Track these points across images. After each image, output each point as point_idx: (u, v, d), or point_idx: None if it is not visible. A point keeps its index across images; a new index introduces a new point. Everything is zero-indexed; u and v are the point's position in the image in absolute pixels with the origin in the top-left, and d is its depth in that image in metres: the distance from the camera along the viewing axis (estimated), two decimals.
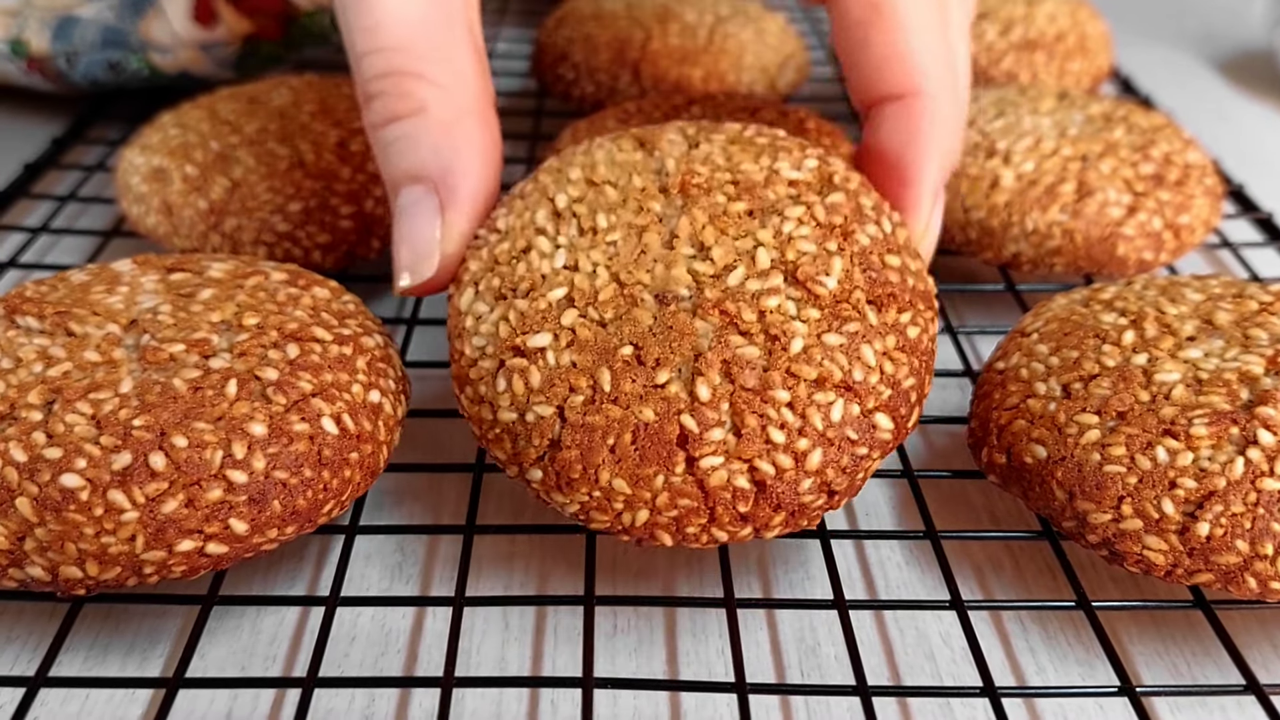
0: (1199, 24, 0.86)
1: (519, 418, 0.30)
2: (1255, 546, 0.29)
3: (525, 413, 0.30)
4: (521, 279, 0.31)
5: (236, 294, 0.33)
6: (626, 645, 0.32)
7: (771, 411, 0.29)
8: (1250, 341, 0.32)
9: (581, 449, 0.29)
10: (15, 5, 0.59)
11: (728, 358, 0.29)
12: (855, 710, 0.30)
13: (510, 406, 0.30)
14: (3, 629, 0.32)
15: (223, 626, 0.32)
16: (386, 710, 0.30)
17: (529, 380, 0.30)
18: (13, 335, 0.31)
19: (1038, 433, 0.32)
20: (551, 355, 0.30)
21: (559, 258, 0.31)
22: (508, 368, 0.30)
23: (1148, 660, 0.32)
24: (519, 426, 0.30)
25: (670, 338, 0.29)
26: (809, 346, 0.29)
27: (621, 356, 0.29)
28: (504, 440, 0.30)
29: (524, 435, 0.30)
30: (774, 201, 0.32)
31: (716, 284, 0.30)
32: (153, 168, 0.45)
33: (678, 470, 0.29)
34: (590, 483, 0.29)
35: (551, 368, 0.29)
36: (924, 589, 0.34)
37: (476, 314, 0.31)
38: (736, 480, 0.29)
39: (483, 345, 0.31)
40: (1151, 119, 0.48)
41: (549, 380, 0.29)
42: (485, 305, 0.31)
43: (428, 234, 0.33)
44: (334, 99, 0.48)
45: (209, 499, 0.28)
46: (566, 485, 0.29)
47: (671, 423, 0.29)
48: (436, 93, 0.32)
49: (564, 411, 0.29)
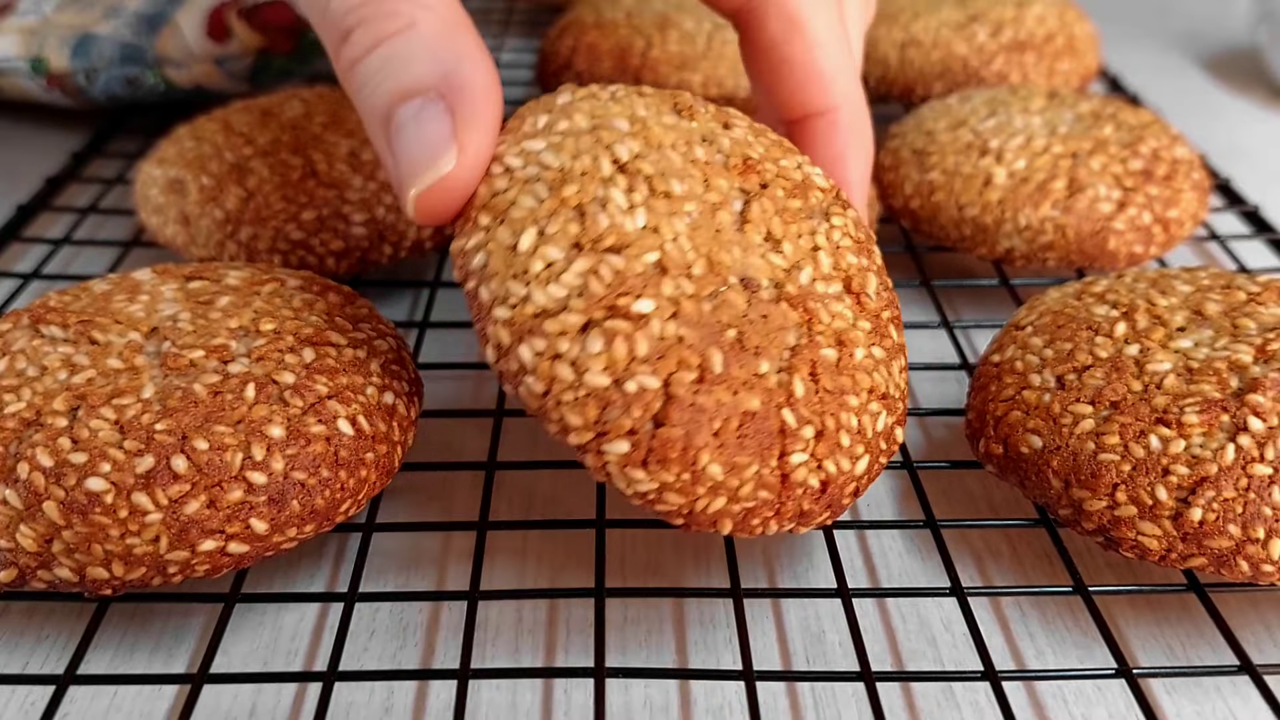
0: (1184, 23, 0.86)
1: (613, 384, 0.27)
2: (1247, 530, 0.29)
3: (624, 380, 0.26)
4: (606, 232, 0.28)
5: (253, 300, 0.34)
6: (637, 636, 0.33)
7: (845, 416, 0.29)
8: (1239, 331, 0.33)
9: (688, 429, 0.27)
10: (35, 24, 0.60)
11: (814, 358, 0.29)
12: (860, 695, 0.31)
13: (604, 371, 0.26)
14: (33, 629, 0.33)
15: (245, 623, 0.33)
16: (405, 702, 0.30)
17: (635, 347, 0.27)
18: (38, 344, 0.32)
19: (1033, 423, 0.33)
20: (657, 325, 0.27)
21: (639, 217, 0.28)
22: (605, 329, 0.27)
23: (1144, 643, 0.33)
24: (613, 394, 0.27)
25: (766, 328, 0.28)
26: (866, 356, 0.30)
27: (728, 339, 0.28)
28: (587, 406, 0.27)
29: (619, 404, 0.26)
30: (816, 206, 0.31)
31: (789, 280, 0.29)
32: (170, 179, 0.46)
33: (771, 463, 0.28)
34: (686, 465, 0.27)
35: (657, 338, 0.27)
36: (925, 577, 0.35)
37: (547, 259, 0.27)
38: (810, 479, 0.29)
39: (564, 296, 0.27)
40: (1140, 116, 0.48)
41: (657, 351, 0.27)
42: (558, 251, 0.27)
43: (439, 134, 0.28)
44: (345, 110, 0.48)
45: (230, 500, 0.29)
46: (658, 464, 0.27)
47: (774, 415, 0.28)
48: (424, 11, 0.29)
49: (670, 386, 0.27)
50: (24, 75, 0.60)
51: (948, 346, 0.45)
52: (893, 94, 0.61)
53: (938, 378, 0.44)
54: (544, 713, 0.30)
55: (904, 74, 0.59)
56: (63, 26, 0.59)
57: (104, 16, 0.60)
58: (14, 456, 0.29)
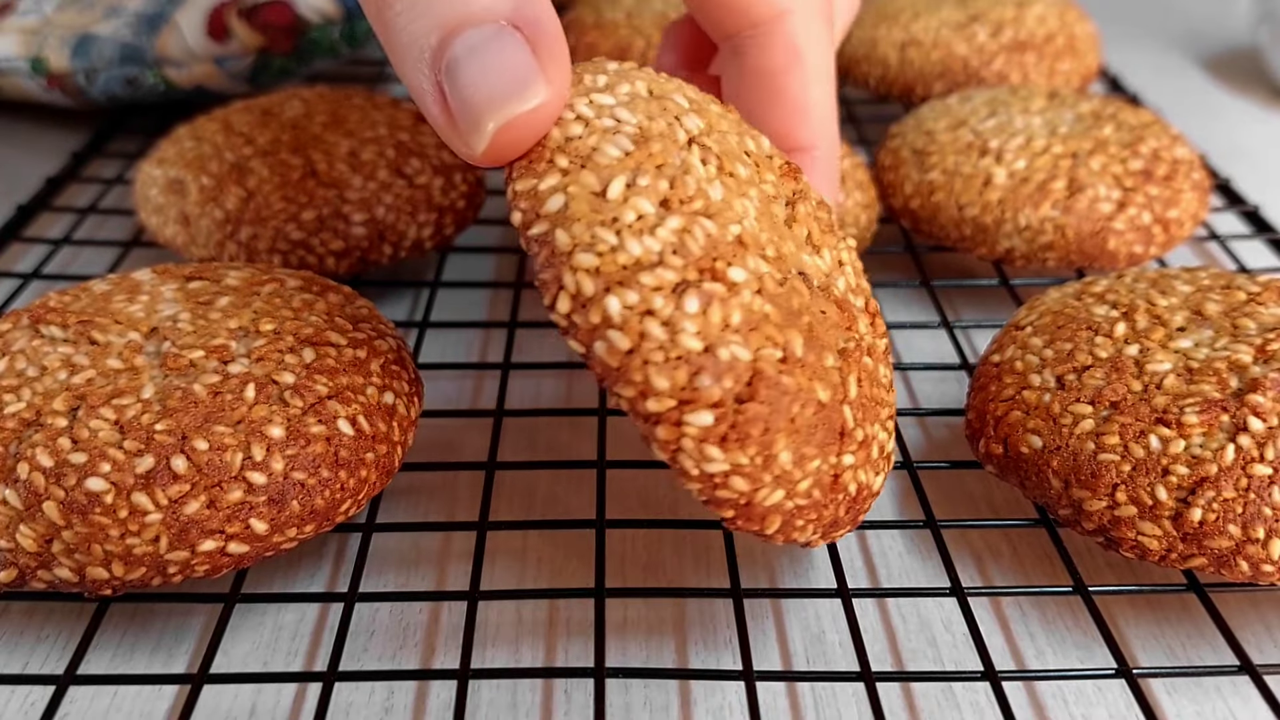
0: (1184, 23, 0.86)
1: (705, 350, 0.25)
2: (1247, 530, 0.29)
3: (717, 347, 0.25)
4: (695, 195, 0.26)
5: (253, 301, 0.34)
6: (637, 636, 0.33)
7: (876, 428, 0.29)
8: (1239, 331, 0.33)
9: (772, 409, 0.25)
10: (36, 24, 0.60)
11: (859, 363, 0.29)
12: (860, 696, 0.31)
13: (698, 335, 0.25)
14: (33, 629, 0.33)
15: (245, 623, 0.33)
16: (405, 702, 0.30)
17: (729, 314, 0.25)
18: (38, 344, 0.32)
19: (1033, 423, 0.33)
20: (748, 295, 0.25)
21: (717, 189, 0.27)
22: (703, 290, 0.25)
23: (1144, 643, 0.33)
24: (706, 360, 0.24)
25: (826, 322, 0.28)
26: (885, 375, 0.31)
27: (804, 325, 0.26)
28: (678, 369, 0.24)
29: (711, 372, 0.24)
30: (833, 223, 0.32)
31: (831, 284, 0.29)
32: (170, 179, 0.46)
33: (830, 459, 0.27)
34: (762, 447, 0.25)
35: (749, 309, 0.25)
36: (925, 577, 0.35)
37: (639, 210, 0.25)
38: (851, 484, 0.28)
39: (660, 251, 0.25)
40: (1140, 116, 0.48)
41: (749, 322, 0.25)
42: (649, 205, 0.26)
43: (522, 64, 0.25)
44: (345, 110, 0.48)
45: (230, 500, 0.29)
46: (738, 442, 0.25)
47: (839, 411, 0.27)
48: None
49: (758, 361, 0.25)
50: (24, 75, 0.60)
51: (948, 346, 0.45)
52: (893, 94, 0.61)
53: (938, 378, 0.44)
54: (544, 713, 0.30)
55: (904, 74, 0.59)
56: (63, 26, 0.59)
57: (104, 16, 0.60)
58: (14, 456, 0.29)
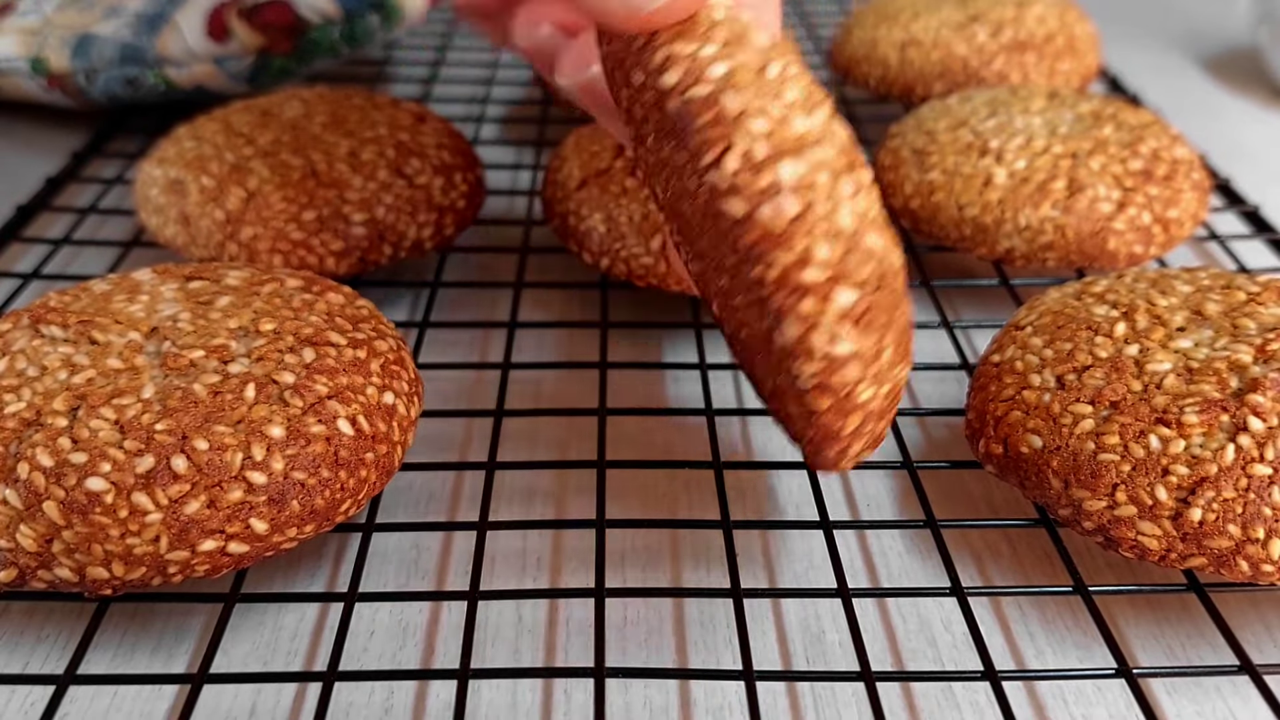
0: (1184, 23, 0.86)
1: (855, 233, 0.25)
2: (1247, 530, 0.29)
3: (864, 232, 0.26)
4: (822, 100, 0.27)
5: (253, 301, 0.34)
6: (636, 636, 0.33)
7: None
8: (1239, 331, 0.33)
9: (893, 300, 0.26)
10: (36, 24, 0.60)
11: None
12: (860, 695, 0.31)
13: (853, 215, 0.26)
14: (33, 629, 0.33)
15: (245, 623, 0.33)
16: (405, 702, 0.31)
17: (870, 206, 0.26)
18: (38, 344, 0.32)
19: (1033, 423, 0.33)
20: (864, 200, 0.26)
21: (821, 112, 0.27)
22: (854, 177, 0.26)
23: (1143, 643, 0.33)
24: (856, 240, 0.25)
25: None
26: None
27: None
28: (837, 242, 0.25)
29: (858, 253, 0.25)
30: None
31: None
32: (170, 180, 0.46)
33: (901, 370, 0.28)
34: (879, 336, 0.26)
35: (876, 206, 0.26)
36: (925, 576, 0.35)
37: (797, 93, 0.26)
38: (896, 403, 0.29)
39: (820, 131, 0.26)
40: (1140, 116, 0.48)
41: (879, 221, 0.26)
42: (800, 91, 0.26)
43: None
44: (344, 110, 0.48)
45: (230, 500, 0.29)
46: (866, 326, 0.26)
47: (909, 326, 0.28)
48: None
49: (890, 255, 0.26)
50: (24, 75, 0.60)
51: (948, 346, 0.45)
52: (893, 94, 0.61)
53: (938, 378, 0.44)
54: (544, 713, 0.30)
55: (904, 74, 0.59)
56: (63, 27, 0.59)
57: (104, 16, 0.60)
58: (14, 456, 0.29)
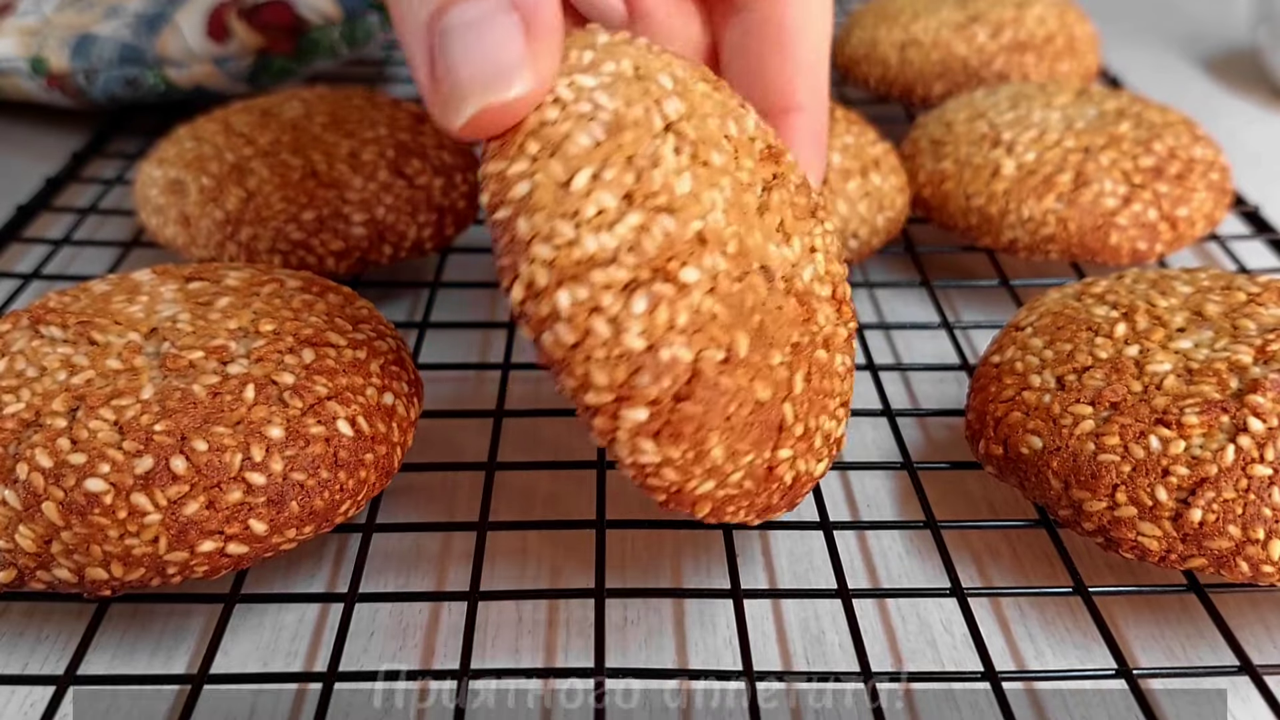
0: (1184, 23, 0.86)
1: (648, 350, 0.25)
2: (1247, 531, 0.29)
3: (659, 348, 0.25)
4: (660, 190, 0.26)
5: (253, 301, 0.34)
6: (637, 636, 0.33)
7: (823, 419, 0.30)
8: (1239, 332, 0.33)
9: (707, 408, 0.26)
10: (35, 24, 0.60)
11: (812, 357, 0.29)
12: (860, 696, 0.31)
13: (642, 335, 0.25)
14: (32, 629, 0.33)
15: (245, 624, 0.33)
16: (405, 702, 0.30)
17: (675, 315, 0.25)
18: (37, 344, 0.32)
19: (1033, 424, 0.33)
20: (698, 296, 0.26)
21: (685, 181, 0.27)
22: (653, 292, 0.25)
23: (1143, 643, 0.33)
24: (646, 359, 0.25)
25: (780, 319, 0.28)
26: (841, 364, 0.31)
27: (753, 323, 0.27)
28: (618, 367, 0.25)
29: (650, 371, 0.25)
30: (813, 206, 0.31)
31: (796, 275, 0.29)
32: (170, 180, 0.46)
33: (765, 454, 0.28)
34: (695, 443, 0.26)
35: (695, 310, 0.26)
36: (925, 577, 0.35)
37: (600, 204, 0.25)
38: (787, 475, 0.29)
39: (615, 248, 0.25)
40: (1165, 115, 0.48)
41: (695, 324, 0.26)
42: (611, 199, 0.26)
43: (513, 52, 0.26)
44: (345, 110, 0.48)
45: (229, 501, 0.29)
46: (670, 438, 0.26)
47: (778, 408, 0.28)
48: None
49: (699, 362, 0.26)
50: (24, 75, 0.60)
51: (948, 347, 0.45)
52: (892, 94, 0.61)
53: (938, 378, 0.44)
54: (544, 713, 0.30)
55: (904, 74, 0.59)
56: (63, 27, 0.59)
57: (104, 17, 0.60)
58: (13, 457, 0.29)
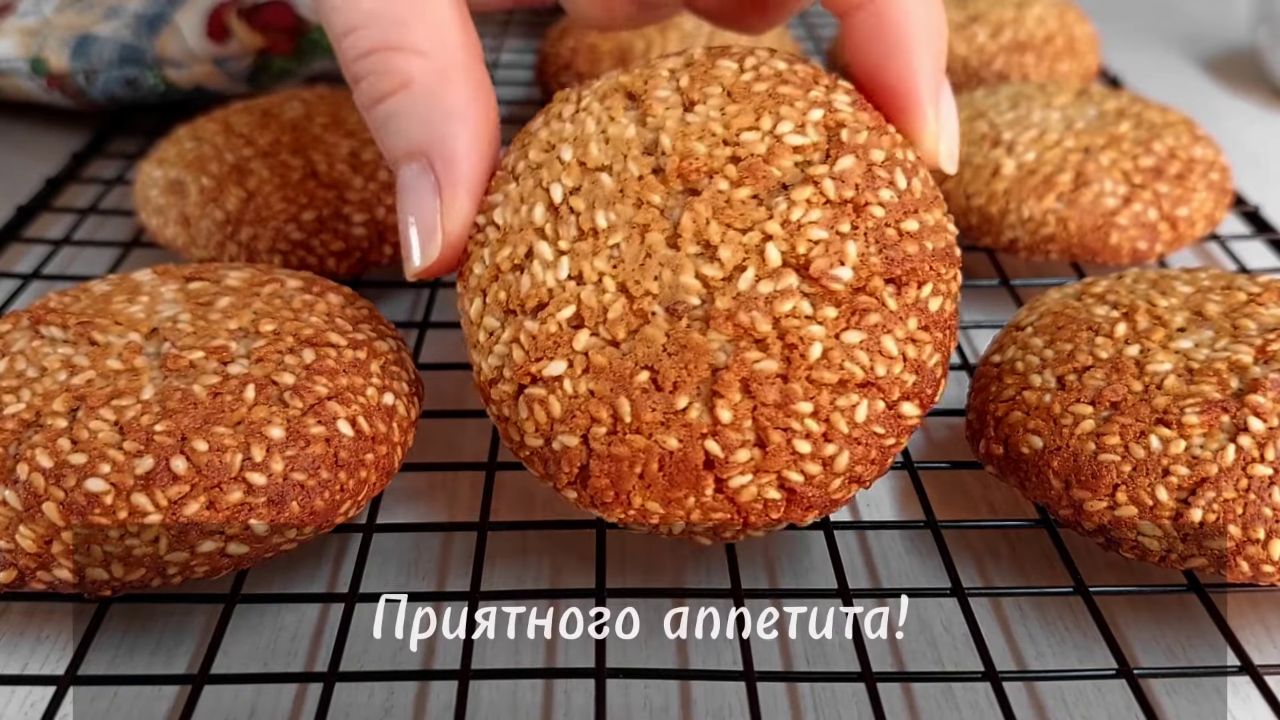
0: (1184, 23, 0.86)
1: (545, 444, 0.30)
2: (1247, 531, 0.29)
3: (551, 440, 0.30)
4: (528, 295, 0.30)
5: (253, 301, 0.34)
6: (637, 636, 0.33)
7: (795, 424, 0.28)
8: (1239, 332, 0.33)
9: (610, 478, 0.29)
10: (35, 25, 0.60)
11: (745, 375, 0.28)
12: (860, 696, 0.31)
13: (535, 434, 0.30)
14: (32, 629, 0.33)
15: (245, 624, 0.33)
16: (405, 703, 0.30)
17: (550, 410, 0.29)
18: (38, 345, 0.32)
19: (1034, 424, 0.33)
20: (569, 384, 0.29)
21: (562, 267, 0.30)
22: (527, 396, 0.30)
23: (1144, 643, 0.33)
24: (547, 453, 0.30)
25: (685, 358, 0.28)
26: (828, 349, 0.28)
27: (639, 383, 0.28)
28: (535, 462, 0.31)
29: (553, 461, 0.30)
30: (779, 180, 0.29)
31: (728, 289, 0.28)
32: (170, 180, 0.46)
33: (707, 492, 0.29)
34: (624, 505, 0.29)
35: (570, 397, 0.29)
36: (925, 577, 0.35)
37: (488, 329, 0.31)
38: (767, 493, 0.29)
39: (499, 366, 0.31)
40: (1166, 115, 0.48)
41: (569, 411, 0.29)
42: (495, 320, 0.31)
43: (429, 213, 0.31)
44: (345, 110, 0.48)
45: (229, 501, 0.29)
46: (601, 506, 0.30)
47: (696, 449, 0.28)
48: (419, 62, 0.30)
49: (589, 441, 0.29)
50: (24, 76, 0.60)
51: None
52: None
53: None
54: (544, 713, 0.30)
55: None
56: (62, 27, 0.59)
57: (104, 17, 0.60)
58: (14, 457, 0.29)
